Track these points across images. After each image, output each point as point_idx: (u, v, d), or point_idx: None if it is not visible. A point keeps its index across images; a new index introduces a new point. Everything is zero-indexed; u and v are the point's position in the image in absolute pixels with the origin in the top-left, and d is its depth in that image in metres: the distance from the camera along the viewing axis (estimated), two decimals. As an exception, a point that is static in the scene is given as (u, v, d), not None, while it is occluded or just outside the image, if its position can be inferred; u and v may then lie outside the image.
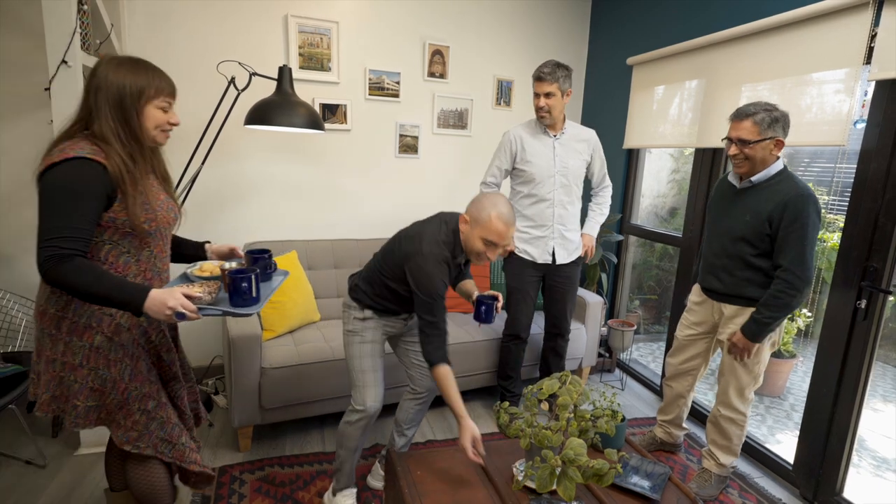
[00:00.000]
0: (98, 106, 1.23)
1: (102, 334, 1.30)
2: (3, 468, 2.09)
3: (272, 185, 2.91)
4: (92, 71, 1.27)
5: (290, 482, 2.08)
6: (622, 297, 3.47)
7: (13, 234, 2.46)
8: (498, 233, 1.61)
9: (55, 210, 1.15)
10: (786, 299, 1.78)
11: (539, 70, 2.28)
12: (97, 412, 1.34)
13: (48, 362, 1.30)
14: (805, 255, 1.75)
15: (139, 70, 1.29)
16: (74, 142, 1.21)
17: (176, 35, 2.59)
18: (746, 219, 1.86)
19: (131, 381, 1.34)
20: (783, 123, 1.78)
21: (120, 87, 1.24)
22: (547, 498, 1.43)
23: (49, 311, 1.28)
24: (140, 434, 1.37)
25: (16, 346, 2.39)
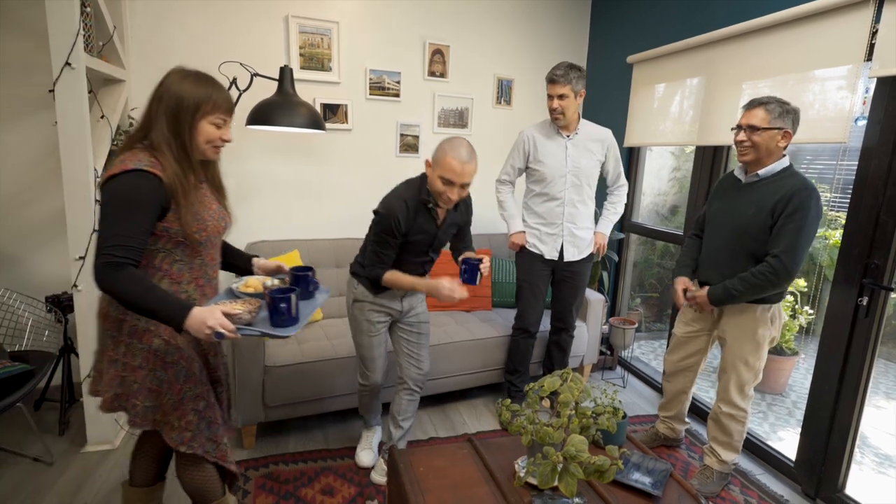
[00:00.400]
0: (157, 115, 1.28)
1: (160, 337, 1.34)
2: (11, 466, 2.12)
3: (274, 185, 2.93)
4: (161, 80, 1.32)
5: (294, 479, 2.10)
6: (623, 295, 3.47)
7: (18, 235, 2.49)
8: (453, 170, 1.73)
9: (111, 220, 1.20)
10: (763, 282, 1.81)
11: (552, 72, 2.30)
12: (153, 413, 1.38)
13: (110, 362, 1.35)
14: (797, 248, 1.77)
15: (201, 84, 1.32)
16: (134, 153, 1.25)
17: (177, 36, 2.60)
18: (751, 212, 1.87)
19: (185, 383, 1.39)
20: (794, 117, 1.81)
21: (178, 99, 1.28)
22: (549, 494, 1.44)
23: (111, 314, 1.33)
24: (193, 434, 1.41)
25: (22, 345, 2.41)
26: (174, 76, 1.31)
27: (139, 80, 2.57)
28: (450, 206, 1.85)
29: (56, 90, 1.92)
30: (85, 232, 2.05)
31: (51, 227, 2.52)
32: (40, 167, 2.46)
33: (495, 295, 3.10)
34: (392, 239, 1.85)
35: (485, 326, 2.77)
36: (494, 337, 2.72)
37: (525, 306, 2.57)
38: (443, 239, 2.00)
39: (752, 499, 2.11)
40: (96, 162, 2.10)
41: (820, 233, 3.29)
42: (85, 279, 2.08)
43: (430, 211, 1.88)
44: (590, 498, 1.48)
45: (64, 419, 2.36)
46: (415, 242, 1.90)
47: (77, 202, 2.02)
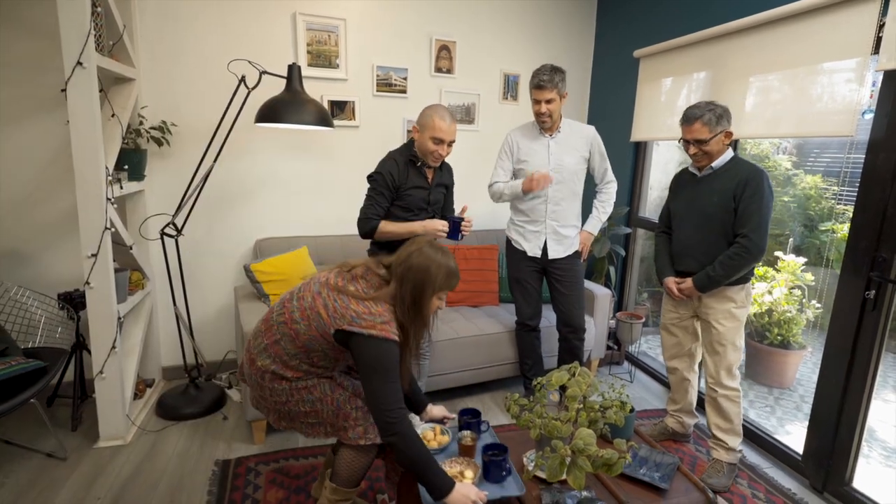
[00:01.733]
0: (404, 286, 1.46)
1: (285, 380, 1.52)
2: (25, 460, 2.15)
3: (282, 182, 2.94)
4: (407, 255, 1.48)
5: (305, 474, 2.12)
6: (630, 290, 3.47)
7: (31, 233, 2.52)
8: (441, 129, 2.03)
9: (388, 378, 1.39)
10: (739, 262, 1.96)
11: (538, 78, 2.32)
12: (323, 427, 1.57)
13: (262, 399, 1.57)
14: (762, 225, 1.94)
15: (441, 269, 1.47)
16: (391, 321, 1.43)
17: (186, 35, 2.62)
18: (714, 199, 2.04)
19: (333, 393, 1.55)
20: (727, 117, 1.99)
21: (423, 283, 1.45)
22: (557, 487, 1.45)
23: (256, 363, 1.53)
24: (364, 428, 1.55)
25: (36, 341, 2.45)
26: (419, 256, 1.47)
27: (149, 78, 2.59)
28: (438, 163, 2.14)
29: (68, 89, 1.94)
30: (97, 229, 2.07)
31: (63, 225, 2.55)
32: (52, 166, 2.49)
33: (502, 290, 3.11)
34: (386, 191, 2.08)
35: (492, 322, 2.79)
36: (501, 332, 2.73)
37: (519, 302, 2.62)
38: (436, 197, 2.23)
39: (760, 492, 2.12)
40: (107, 160, 2.12)
41: (827, 226, 3.28)
42: (96, 277, 2.11)
43: (420, 169, 2.14)
44: (598, 491, 1.49)
45: (76, 415, 2.39)
46: (412, 197, 2.13)
47: (89, 200, 2.05)
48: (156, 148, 2.61)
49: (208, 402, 2.58)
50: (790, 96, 2.17)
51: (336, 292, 1.44)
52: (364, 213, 2.11)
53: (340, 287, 1.45)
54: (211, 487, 2.02)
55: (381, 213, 2.10)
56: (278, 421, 1.60)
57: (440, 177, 2.24)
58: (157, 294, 2.81)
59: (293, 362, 1.49)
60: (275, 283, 2.54)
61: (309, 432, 1.59)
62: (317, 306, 1.44)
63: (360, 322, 1.38)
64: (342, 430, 1.56)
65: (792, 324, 3.19)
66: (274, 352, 1.49)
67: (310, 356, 1.49)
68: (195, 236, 2.81)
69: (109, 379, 2.20)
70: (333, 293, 1.44)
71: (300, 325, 1.46)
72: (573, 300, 2.56)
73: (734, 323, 2.08)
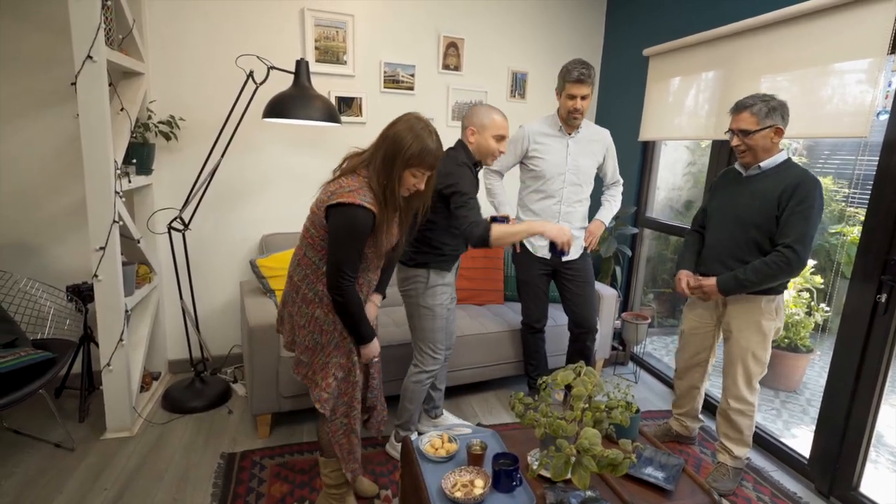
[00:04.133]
0: (376, 154, 1.51)
1: (322, 308, 1.59)
2: (34, 450, 2.17)
3: (289, 178, 2.95)
4: (393, 122, 1.53)
5: (310, 468, 2.13)
6: (636, 291, 3.46)
7: (40, 226, 2.53)
8: (503, 126, 1.99)
9: (346, 246, 1.48)
10: (776, 271, 1.83)
11: (578, 72, 2.23)
12: (306, 368, 1.66)
13: (289, 315, 1.66)
14: (807, 236, 1.80)
15: (417, 139, 1.50)
16: (360, 188, 1.48)
17: (195, 29, 2.62)
18: (756, 204, 1.91)
19: (335, 350, 1.62)
20: (781, 112, 1.85)
21: (396, 148, 1.49)
22: (561, 486, 1.45)
23: (293, 279, 1.62)
24: (328, 398, 1.63)
25: (44, 333, 2.47)
26: (403, 123, 1.51)
27: (158, 72, 2.60)
28: (494, 162, 2.07)
29: (78, 83, 1.95)
30: (105, 223, 2.09)
31: (72, 218, 2.57)
32: (61, 159, 2.50)
33: (507, 289, 3.11)
34: (475, 197, 1.95)
35: (497, 321, 2.78)
36: (506, 331, 2.73)
37: (527, 304, 2.58)
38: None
39: (766, 496, 2.11)
40: (116, 154, 2.13)
41: (837, 229, 3.24)
42: (104, 270, 2.12)
43: (476, 174, 2.07)
44: (602, 491, 1.49)
45: (84, 406, 2.41)
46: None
47: (97, 193, 2.06)
48: (164, 142, 2.62)
49: (214, 396, 2.59)
50: (802, 97, 2.14)
51: (324, 185, 1.56)
52: (474, 218, 1.87)
53: (330, 179, 1.55)
54: (216, 480, 2.04)
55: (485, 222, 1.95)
56: (289, 344, 1.70)
57: None
58: (164, 288, 2.83)
59: (321, 269, 1.57)
60: (280, 279, 2.55)
61: (296, 368, 1.69)
62: (313, 208, 1.56)
63: (333, 197, 1.47)
64: (315, 384, 1.65)
65: (800, 327, 3.16)
66: (304, 264, 1.59)
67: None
68: (202, 231, 2.82)
69: (116, 371, 2.22)
70: (323, 187, 1.56)
71: (311, 230, 1.56)
72: (585, 300, 2.52)
73: (759, 336, 1.97)
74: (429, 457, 1.59)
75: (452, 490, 1.43)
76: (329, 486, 1.77)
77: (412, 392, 2.17)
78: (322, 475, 1.78)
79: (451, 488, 1.43)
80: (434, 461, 1.58)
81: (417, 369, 2.16)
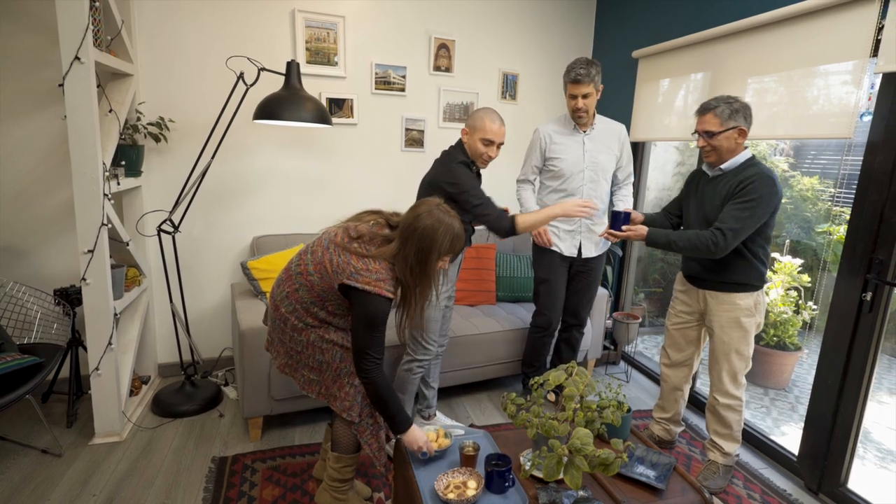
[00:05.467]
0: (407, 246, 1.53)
1: (315, 332, 1.63)
2: (21, 457, 2.14)
3: (280, 179, 2.94)
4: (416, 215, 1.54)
5: (301, 471, 2.12)
6: (627, 290, 3.48)
7: (27, 228, 2.50)
8: (493, 131, 1.99)
9: (376, 333, 1.54)
10: (702, 247, 1.90)
11: (575, 72, 2.24)
12: (318, 386, 1.68)
13: (280, 341, 1.68)
14: (742, 228, 1.86)
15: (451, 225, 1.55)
16: (387, 278, 1.53)
17: (185, 31, 2.61)
18: (717, 204, 1.97)
19: (342, 362, 1.65)
20: (744, 114, 1.90)
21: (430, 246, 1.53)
22: (553, 487, 1.45)
23: (280, 309, 1.63)
24: (352, 404, 1.66)
25: (31, 337, 2.44)
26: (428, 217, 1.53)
27: (147, 74, 2.58)
28: (486, 165, 2.09)
29: (65, 84, 1.93)
30: (93, 225, 2.06)
31: (59, 221, 2.54)
32: (49, 161, 2.47)
33: (500, 290, 3.11)
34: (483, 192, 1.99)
35: (489, 321, 2.79)
36: (499, 332, 2.73)
37: (547, 305, 2.53)
38: None
39: (755, 493, 2.13)
40: (105, 156, 2.11)
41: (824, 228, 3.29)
42: (93, 273, 2.10)
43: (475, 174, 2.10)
44: (594, 491, 1.50)
45: (72, 411, 2.38)
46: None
47: (86, 196, 2.04)
48: (153, 144, 2.60)
49: (204, 400, 2.57)
50: (788, 98, 2.18)
51: (341, 249, 1.55)
52: (493, 210, 1.97)
53: (345, 244, 1.55)
54: (207, 484, 2.02)
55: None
56: (284, 366, 1.70)
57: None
58: (154, 291, 2.80)
59: (313, 309, 1.61)
60: (271, 281, 2.53)
61: (305, 387, 1.70)
62: (324, 261, 1.56)
63: (358, 277, 1.50)
64: (333, 397, 1.68)
65: (788, 325, 3.20)
66: (294, 299, 1.61)
67: (325, 304, 1.61)
68: (192, 233, 2.80)
69: (105, 375, 2.20)
70: (339, 249, 1.55)
71: (314, 277, 1.58)
72: (588, 299, 2.61)
73: (740, 332, 2.02)
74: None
75: (445, 492, 1.43)
76: (335, 480, 1.76)
77: (402, 380, 2.23)
78: (330, 468, 1.75)
79: (444, 490, 1.43)
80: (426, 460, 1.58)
81: (409, 357, 2.22)
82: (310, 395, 1.70)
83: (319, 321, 1.64)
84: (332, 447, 1.76)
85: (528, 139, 3.46)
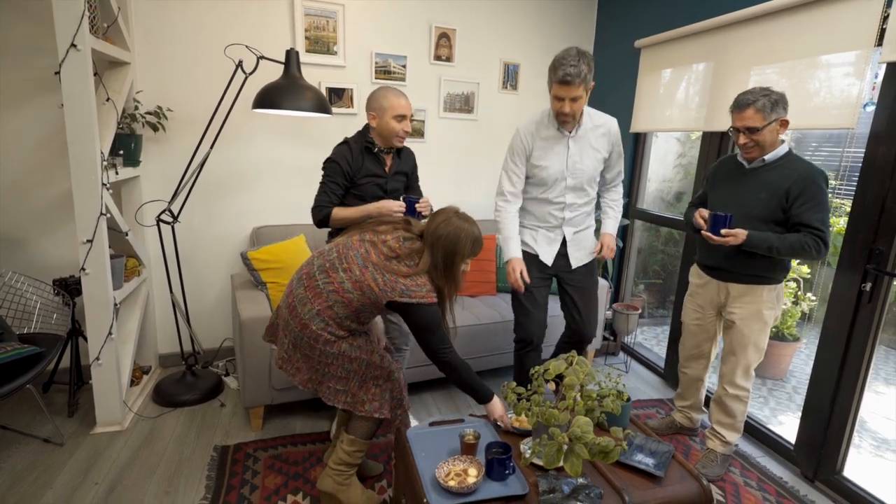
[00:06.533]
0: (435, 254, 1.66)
1: (346, 342, 1.69)
2: (22, 446, 2.15)
3: (280, 169, 2.92)
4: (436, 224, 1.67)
5: (303, 460, 2.13)
6: (627, 281, 3.49)
7: (26, 218, 2.49)
8: (402, 105, 1.99)
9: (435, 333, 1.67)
10: (808, 251, 1.81)
11: (564, 71, 1.88)
12: (344, 395, 1.74)
13: (305, 357, 1.72)
14: (827, 223, 1.81)
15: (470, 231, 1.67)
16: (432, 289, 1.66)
17: (183, 18, 2.58)
18: (762, 196, 1.90)
19: (367, 369, 1.73)
20: (783, 104, 1.84)
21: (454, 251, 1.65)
22: (553, 474, 1.46)
23: (310, 327, 1.66)
24: (381, 403, 1.76)
25: (31, 327, 2.44)
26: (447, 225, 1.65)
27: (144, 62, 2.56)
28: (403, 141, 2.06)
29: (62, 72, 1.91)
30: (92, 215, 2.06)
31: (58, 211, 2.53)
32: (47, 150, 2.46)
33: (500, 280, 3.12)
34: (340, 178, 2.01)
35: (490, 311, 2.79)
36: (499, 322, 2.74)
37: (524, 316, 2.21)
38: (394, 186, 2.13)
39: (752, 481, 2.15)
40: (102, 145, 2.10)
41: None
42: (92, 263, 2.09)
43: (377, 156, 2.06)
44: (594, 478, 1.51)
45: (73, 401, 2.39)
46: (367, 185, 2.05)
47: (84, 185, 2.03)
48: (151, 133, 2.58)
49: (205, 390, 2.58)
50: (791, 89, 2.16)
51: (382, 269, 1.64)
52: (317, 202, 2.01)
53: (385, 266, 1.64)
54: (209, 472, 2.03)
55: (334, 202, 2.01)
56: (307, 382, 1.75)
57: (398, 164, 2.12)
58: (154, 281, 2.80)
59: (346, 322, 1.68)
60: (272, 271, 2.53)
61: (330, 398, 1.74)
62: (367, 280, 1.63)
63: (410, 293, 1.62)
64: (360, 402, 1.74)
65: (787, 316, 3.21)
66: (327, 315, 1.66)
67: (359, 316, 1.69)
68: (192, 223, 2.79)
69: (106, 365, 2.20)
70: (380, 270, 1.64)
71: (353, 295, 1.64)
72: (592, 309, 2.28)
73: (760, 325, 2.00)
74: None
75: (446, 479, 1.44)
76: (342, 464, 1.78)
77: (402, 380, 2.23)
78: (342, 450, 1.78)
79: (445, 477, 1.44)
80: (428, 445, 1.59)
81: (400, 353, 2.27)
82: (336, 405, 1.74)
83: (350, 332, 1.70)
84: (347, 429, 1.79)
85: (529, 129, 3.45)
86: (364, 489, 1.84)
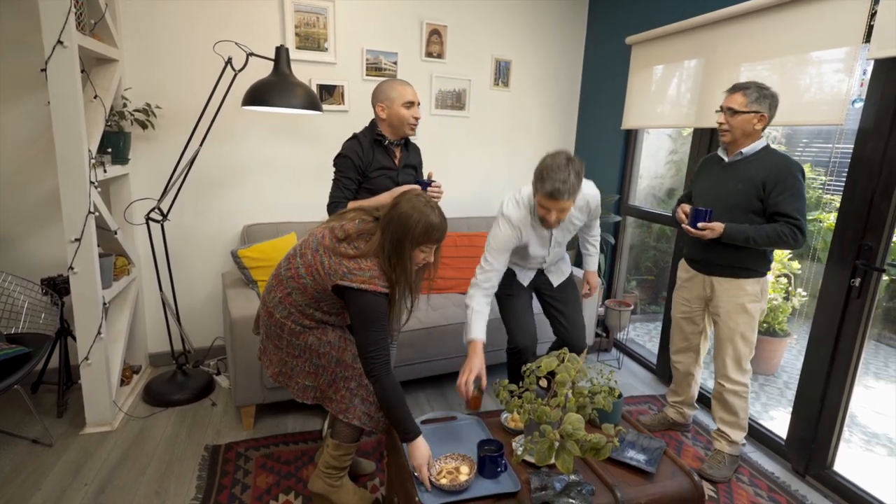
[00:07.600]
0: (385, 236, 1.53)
1: (314, 335, 1.65)
2: (10, 447, 2.13)
3: (270, 167, 2.90)
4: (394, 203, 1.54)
5: (295, 459, 2.12)
6: (619, 278, 3.49)
7: (12, 217, 2.46)
8: (410, 93, 1.99)
9: (370, 329, 1.52)
10: (785, 239, 1.86)
11: (553, 186, 1.76)
12: (313, 391, 1.70)
13: (275, 348, 1.68)
14: (804, 212, 1.86)
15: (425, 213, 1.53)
16: (379, 275, 1.53)
17: (171, 14, 2.55)
18: (739, 187, 1.96)
19: (337, 367, 1.67)
20: (770, 102, 1.89)
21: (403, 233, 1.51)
22: (545, 471, 1.46)
23: (275, 315, 1.63)
24: (347, 406, 1.68)
25: (19, 327, 2.41)
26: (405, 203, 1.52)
27: (132, 59, 2.53)
28: (414, 129, 2.05)
29: (48, 69, 1.89)
30: (80, 214, 2.03)
31: (45, 209, 2.50)
32: (33, 148, 2.43)
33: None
34: (352, 173, 2.00)
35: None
36: (492, 319, 2.70)
37: (516, 323, 2.17)
38: (405, 179, 2.12)
39: (744, 476, 2.16)
40: (90, 143, 2.07)
41: (815, 215, 3.31)
42: (80, 262, 2.07)
43: (387, 149, 2.06)
44: (586, 475, 1.51)
45: (62, 401, 2.36)
46: (379, 179, 2.04)
47: (71, 183, 2.00)
48: (140, 131, 2.56)
49: (196, 389, 2.56)
50: (781, 85, 2.17)
51: (330, 251, 1.56)
52: (332, 198, 2.02)
53: (334, 248, 1.56)
54: (200, 472, 2.02)
55: (349, 196, 2.02)
56: (277, 376, 1.71)
57: (407, 157, 2.13)
58: (144, 280, 2.77)
59: (308, 311, 1.62)
60: (263, 269, 2.52)
61: (299, 394, 1.70)
62: (315, 264, 1.56)
63: (352, 277, 1.52)
64: (329, 399, 1.70)
65: (778, 311, 3.23)
66: (288, 303, 1.62)
67: (319, 305, 1.62)
68: (181, 221, 2.77)
69: (95, 365, 2.18)
70: (328, 252, 1.56)
71: (306, 280, 1.58)
72: (578, 317, 2.25)
73: (746, 318, 2.03)
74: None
75: (438, 477, 1.43)
76: (330, 467, 1.77)
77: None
78: (328, 454, 1.75)
79: (437, 475, 1.44)
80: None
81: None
82: (305, 401, 1.70)
83: (316, 322, 1.65)
84: (331, 434, 1.76)
85: (522, 127, 3.46)
86: (356, 488, 1.84)
